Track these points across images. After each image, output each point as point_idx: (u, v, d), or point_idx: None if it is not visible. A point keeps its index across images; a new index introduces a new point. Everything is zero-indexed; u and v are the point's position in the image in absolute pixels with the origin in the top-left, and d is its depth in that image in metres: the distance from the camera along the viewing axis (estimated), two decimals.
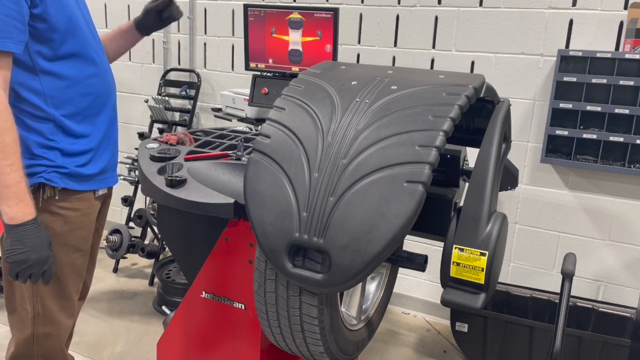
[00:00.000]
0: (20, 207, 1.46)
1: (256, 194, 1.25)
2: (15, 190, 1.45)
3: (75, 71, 1.62)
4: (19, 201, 1.46)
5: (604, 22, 2.61)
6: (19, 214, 1.47)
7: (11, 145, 1.43)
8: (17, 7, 1.43)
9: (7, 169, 1.43)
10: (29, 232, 1.49)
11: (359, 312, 1.78)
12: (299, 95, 1.36)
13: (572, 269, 1.95)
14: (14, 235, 1.48)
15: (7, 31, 1.42)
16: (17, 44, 1.45)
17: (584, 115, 2.62)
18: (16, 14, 1.43)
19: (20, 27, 1.45)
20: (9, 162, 1.43)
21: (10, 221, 1.47)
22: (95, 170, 1.70)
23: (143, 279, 3.64)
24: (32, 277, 1.53)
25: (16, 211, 1.46)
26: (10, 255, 1.49)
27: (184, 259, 1.85)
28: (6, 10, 1.41)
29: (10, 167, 1.43)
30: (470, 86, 1.29)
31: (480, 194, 1.28)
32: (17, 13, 1.43)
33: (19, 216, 1.47)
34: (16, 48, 1.45)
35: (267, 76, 2.54)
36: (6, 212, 1.46)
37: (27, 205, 1.48)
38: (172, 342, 1.89)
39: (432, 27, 2.98)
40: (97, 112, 1.70)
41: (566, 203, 2.83)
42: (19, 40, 1.45)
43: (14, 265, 1.50)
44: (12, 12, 1.42)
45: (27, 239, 1.49)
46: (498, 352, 2.67)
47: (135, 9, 3.85)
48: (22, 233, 1.48)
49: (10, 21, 1.42)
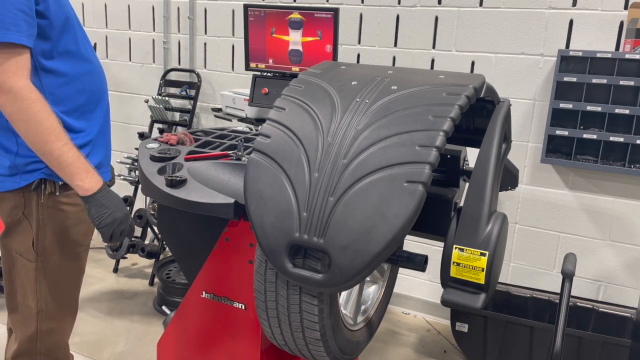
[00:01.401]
0: (90, 177, 1.55)
1: (256, 194, 1.25)
2: (79, 165, 1.53)
3: (72, 68, 1.64)
4: (87, 172, 1.55)
5: (604, 22, 2.61)
6: (91, 184, 1.55)
7: (58, 127, 1.50)
8: (27, 2, 1.45)
9: (64, 148, 1.50)
10: (105, 196, 1.59)
11: (356, 313, 1.78)
12: (299, 96, 1.36)
13: (572, 269, 1.95)
14: (96, 202, 1.57)
15: (19, 25, 1.43)
16: (29, 38, 1.47)
17: (584, 116, 2.62)
18: (26, 8, 1.45)
19: (30, 20, 1.47)
20: (63, 142, 1.50)
21: (86, 192, 1.55)
22: (92, 164, 1.71)
23: (143, 279, 3.64)
24: (122, 234, 1.65)
25: (88, 182, 1.55)
26: (100, 220, 1.58)
27: (184, 259, 1.85)
28: (17, 4, 1.42)
29: (67, 146, 1.51)
30: (470, 86, 1.29)
31: (480, 194, 1.28)
32: (26, 7, 1.45)
33: (92, 186, 1.56)
34: (28, 42, 1.47)
35: (267, 76, 2.54)
36: (80, 185, 1.54)
37: (94, 175, 1.58)
38: (172, 342, 1.89)
39: (432, 27, 2.98)
40: (93, 108, 1.73)
41: (566, 203, 2.83)
42: (29, 34, 1.47)
43: (107, 228, 1.59)
44: (22, 6, 1.44)
45: (107, 202, 1.59)
46: (498, 352, 2.67)
47: (135, 9, 3.86)
48: (101, 199, 1.57)
49: (21, 15, 1.44)
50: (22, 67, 1.45)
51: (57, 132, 1.49)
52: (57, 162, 1.50)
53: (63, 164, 1.50)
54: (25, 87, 1.44)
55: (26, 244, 1.66)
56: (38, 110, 1.45)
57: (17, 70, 1.43)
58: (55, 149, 1.48)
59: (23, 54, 1.46)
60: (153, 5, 3.78)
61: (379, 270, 1.94)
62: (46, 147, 1.48)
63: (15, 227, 1.66)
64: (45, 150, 1.48)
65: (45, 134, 1.47)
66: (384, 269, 1.95)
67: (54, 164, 1.51)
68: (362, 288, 1.81)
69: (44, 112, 1.47)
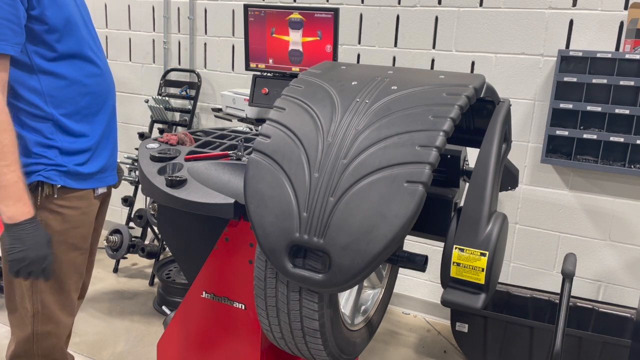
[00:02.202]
0: (17, 207, 1.48)
1: (256, 194, 1.25)
2: (12, 190, 1.47)
3: (74, 71, 1.62)
4: (17, 201, 1.48)
5: (604, 23, 2.61)
6: (16, 214, 1.49)
7: (8, 146, 1.45)
8: (14, 10, 1.44)
9: (4, 169, 1.45)
10: (27, 230, 1.51)
11: (354, 312, 1.78)
12: (299, 96, 1.36)
13: (573, 269, 1.95)
14: (12, 234, 1.50)
15: (3, 34, 1.43)
16: (14, 46, 1.46)
17: (584, 116, 2.62)
18: (12, 16, 1.44)
19: (17, 29, 1.46)
20: (6, 163, 1.45)
21: (8, 220, 1.49)
22: (94, 169, 1.71)
23: (143, 279, 3.64)
24: (32, 275, 1.55)
25: (14, 210, 1.48)
26: (9, 253, 1.51)
27: (184, 259, 1.85)
28: (2, 13, 1.42)
29: (8, 168, 1.45)
30: (470, 86, 1.29)
31: (480, 194, 1.28)
32: (13, 16, 1.44)
33: (17, 215, 1.49)
34: (13, 50, 1.46)
35: (268, 76, 2.54)
36: (4, 211, 1.48)
37: (25, 205, 1.50)
38: (172, 342, 1.89)
39: (433, 27, 2.98)
40: (96, 111, 1.71)
41: (566, 203, 2.83)
42: (15, 42, 1.46)
43: (13, 264, 1.52)
44: (9, 14, 1.43)
45: (25, 237, 1.50)
46: (498, 352, 2.67)
47: (135, 9, 3.86)
48: (20, 232, 1.50)
49: (7, 24, 1.43)
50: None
51: (5, 150, 1.44)
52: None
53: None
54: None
55: None
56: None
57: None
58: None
59: (1, 64, 1.45)
60: (153, 6, 3.78)
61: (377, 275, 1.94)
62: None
63: None
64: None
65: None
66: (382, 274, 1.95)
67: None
68: (361, 289, 1.81)
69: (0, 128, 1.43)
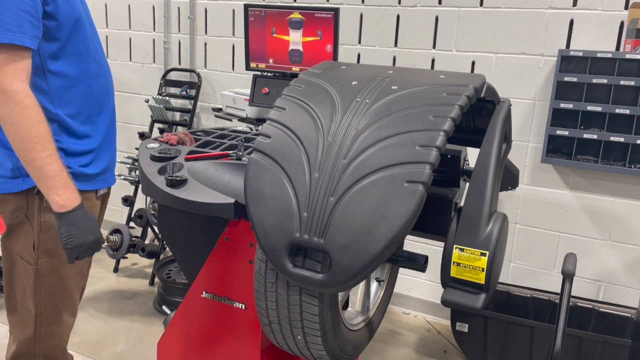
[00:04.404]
0: (67, 194, 1.50)
1: (257, 194, 1.25)
2: (59, 179, 1.48)
3: (79, 70, 1.63)
4: (66, 188, 1.49)
5: (605, 22, 2.61)
6: (68, 201, 1.50)
7: (47, 136, 1.46)
8: (33, 3, 1.44)
9: (48, 159, 1.46)
10: (80, 216, 1.53)
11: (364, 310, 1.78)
12: (299, 95, 1.36)
13: (573, 269, 1.95)
14: (67, 221, 1.51)
15: (23, 26, 1.42)
16: (33, 40, 1.46)
17: (584, 115, 2.62)
18: (32, 9, 1.44)
19: (35, 22, 1.46)
20: (48, 153, 1.46)
21: (61, 209, 1.50)
22: (97, 170, 1.71)
23: (143, 278, 3.64)
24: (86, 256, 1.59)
25: (65, 198, 1.49)
26: (68, 241, 1.52)
27: (184, 259, 1.85)
28: (23, 6, 1.41)
29: (51, 157, 1.46)
30: (470, 86, 1.29)
31: (480, 194, 1.28)
32: (32, 9, 1.44)
33: (69, 203, 1.50)
34: (32, 44, 1.45)
35: (268, 76, 2.54)
36: (56, 200, 1.49)
37: (74, 192, 1.52)
38: (172, 342, 1.89)
39: (433, 27, 2.98)
40: (99, 111, 1.71)
41: (567, 203, 2.83)
42: (34, 35, 1.46)
43: (74, 250, 1.53)
44: (28, 7, 1.43)
45: (80, 223, 1.52)
46: (498, 352, 2.67)
47: (135, 9, 3.86)
48: (74, 218, 1.51)
49: (26, 16, 1.42)
50: (20, 69, 1.43)
51: (44, 141, 1.45)
52: (37, 172, 1.46)
53: (42, 174, 1.46)
54: (21, 91, 1.42)
55: (27, 246, 1.65)
56: (28, 117, 1.42)
57: (15, 72, 1.41)
58: (37, 159, 1.45)
59: (24, 57, 1.44)
60: (153, 5, 3.78)
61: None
62: (29, 154, 1.44)
63: (17, 229, 1.66)
64: (28, 157, 1.45)
65: (30, 141, 1.43)
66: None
67: (33, 173, 1.47)
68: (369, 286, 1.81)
69: (35, 119, 1.44)
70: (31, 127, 1.43)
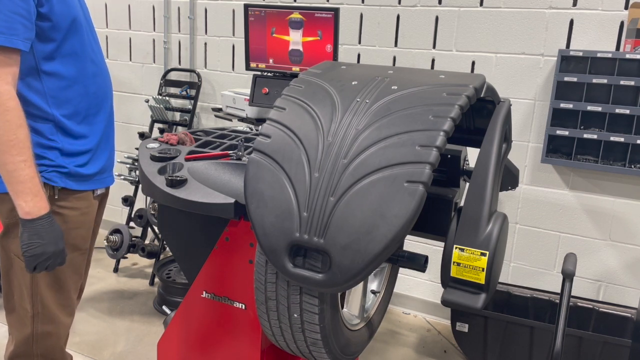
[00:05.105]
0: (35, 202, 1.48)
1: (257, 193, 1.25)
2: (30, 185, 1.47)
3: (76, 71, 1.62)
4: (34, 196, 1.48)
5: (605, 22, 2.61)
6: (34, 209, 1.49)
7: (24, 141, 1.45)
8: (25, 5, 1.43)
9: (21, 164, 1.45)
10: (44, 225, 1.51)
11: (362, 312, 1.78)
12: (299, 95, 1.36)
13: (573, 269, 1.95)
14: (31, 229, 1.49)
15: (14, 28, 1.42)
16: (24, 42, 1.45)
17: (584, 115, 2.62)
18: (24, 11, 1.43)
19: (28, 24, 1.45)
20: (22, 158, 1.45)
21: (26, 216, 1.49)
22: (94, 170, 1.71)
23: (143, 278, 3.64)
24: (48, 269, 1.56)
25: (32, 205, 1.48)
26: (28, 249, 1.50)
27: (184, 258, 1.85)
28: (14, 8, 1.41)
29: (24, 163, 1.45)
30: (470, 86, 1.29)
31: (480, 194, 1.28)
32: (24, 11, 1.43)
33: (35, 210, 1.49)
34: (23, 45, 1.45)
35: (268, 76, 2.54)
36: (22, 206, 1.48)
37: (42, 200, 1.50)
38: (172, 342, 1.89)
39: (433, 27, 2.97)
40: (96, 112, 1.71)
41: (567, 203, 2.83)
42: (25, 37, 1.45)
43: (32, 259, 1.51)
44: (20, 9, 1.42)
45: (43, 232, 1.51)
46: (498, 352, 2.67)
47: (135, 9, 3.86)
48: (38, 227, 1.50)
49: (18, 18, 1.42)
50: (7, 71, 1.42)
51: (20, 146, 1.44)
52: (8, 175, 1.45)
53: (13, 179, 1.45)
54: (4, 93, 1.41)
55: None
56: (8, 120, 1.41)
57: (1, 75, 1.41)
58: (9, 162, 1.43)
59: (12, 58, 1.44)
60: (153, 5, 3.78)
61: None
62: (2, 157, 1.43)
63: (14, 229, 1.65)
64: (0, 160, 1.44)
65: (6, 144, 1.42)
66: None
67: (4, 175, 1.46)
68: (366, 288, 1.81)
69: (15, 123, 1.43)
70: (8, 131, 1.42)
